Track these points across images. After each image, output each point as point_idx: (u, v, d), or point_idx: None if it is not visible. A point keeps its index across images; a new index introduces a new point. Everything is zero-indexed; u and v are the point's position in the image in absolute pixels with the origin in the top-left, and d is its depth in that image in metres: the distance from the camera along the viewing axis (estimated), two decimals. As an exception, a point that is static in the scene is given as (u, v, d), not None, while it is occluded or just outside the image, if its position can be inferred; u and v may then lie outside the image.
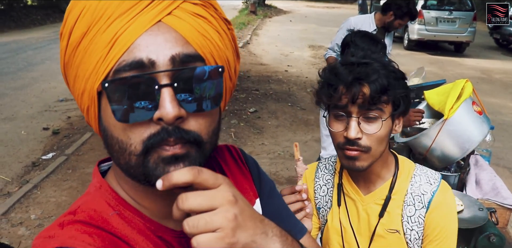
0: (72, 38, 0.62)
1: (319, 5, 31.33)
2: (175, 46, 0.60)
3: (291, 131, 6.05)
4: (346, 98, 1.13)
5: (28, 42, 12.75)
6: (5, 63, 9.89)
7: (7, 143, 5.44)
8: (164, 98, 0.58)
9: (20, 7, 17.95)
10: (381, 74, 1.11)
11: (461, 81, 2.27)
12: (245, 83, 8.35)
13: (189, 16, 0.62)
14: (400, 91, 1.15)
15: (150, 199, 0.69)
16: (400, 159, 1.32)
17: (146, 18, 0.59)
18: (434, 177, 1.29)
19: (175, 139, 0.59)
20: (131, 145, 0.60)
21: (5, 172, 4.64)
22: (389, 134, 1.19)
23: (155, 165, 0.60)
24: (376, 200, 1.28)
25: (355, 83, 1.11)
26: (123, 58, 0.59)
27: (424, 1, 12.87)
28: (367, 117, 1.14)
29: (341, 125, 1.17)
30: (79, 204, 0.68)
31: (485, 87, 8.86)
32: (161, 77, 0.58)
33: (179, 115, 0.59)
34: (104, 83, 0.58)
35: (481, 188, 2.23)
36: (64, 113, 6.58)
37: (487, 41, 15.33)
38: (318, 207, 1.41)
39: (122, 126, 0.60)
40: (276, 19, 21.81)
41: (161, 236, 0.69)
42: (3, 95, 7.38)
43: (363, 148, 1.15)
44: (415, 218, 1.24)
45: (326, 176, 1.41)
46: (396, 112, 1.17)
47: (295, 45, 13.65)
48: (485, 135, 2.17)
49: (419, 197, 1.25)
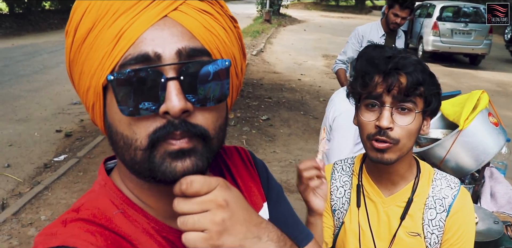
0: (77, 35, 0.62)
1: (333, 15, 31.27)
2: (181, 40, 0.60)
3: (303, 140, 6.01)
4: (381, 88, 1.13)
5: (44, 45, 12.96)
6: (21, 65, 10.07)
7: (20, 144, 5.50)
8: (170, 92, 0.57)
9: (37, 11, 18.30)
10: (417, 68, 1.12)
11: (477, 92, 2.21)
12: (258, 91, 8.34)
13: (195, 12, 0.62)
14: (433, 88, 1.16)
15: (155, 198, 0.68)
16: (420, 162, 1.32)
17: (152, 13, 0.59)
18: (454, 181, 1.29)
19: (182, 132, 0.59)
20: (137, 139, 0.60)
21: (17, 173, 4.69)
22: (418, 132, 1.19)
23: (161, 160, 0.60)
24: (397, 202, 1.27)
25: (392, 72, 1.11)
26: (129, 52, 0.58)
27: (440, 13, 12.77)
28: (401, 109, 1.14)
29: (373, 115, 1.16)
30: (83, 201, 0.67)
31: (501, 100, 8.71)
32: (167, 70, 0.58)
33: (185, 108, 0.58)
34: (110, 76, 0.58)
35: (497, 201, 2.17)
36: (77, 116, 6.65)
37: (503, 54, 15.10)
38: (333, 209, 1.38)
39: (127, 120, 0.60)
40: (290, 28, 21.82)
41: (165, 236, 0.68)
42: (18, 97, 7.49)
43: (392, 140, 1.14)
44: (436, 221, 1.24)
45: (343, 177, 1.39)
46: (428, 109, 1.17)
47: (309, 54, 13.63)
48: (501, 147, 2.12)
49: (440, 201, 1.25)
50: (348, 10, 35.09)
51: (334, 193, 1.39)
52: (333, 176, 1.41)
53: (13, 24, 15.88)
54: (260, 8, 24.13)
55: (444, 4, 13.27)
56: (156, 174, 0.60)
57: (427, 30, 12.93)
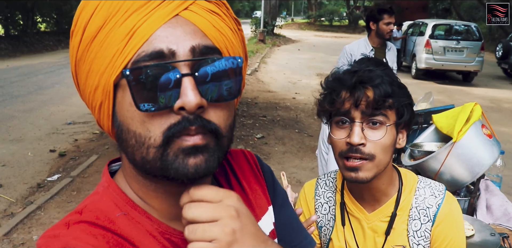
0: (86, 33, 0.62)
1: (327, 34, 31.59)
2: (194, 37, 0.61)
3: (298, 157, 6.00)
4: (349, 103, 1.11)
5: (39, 66, 12.96)
6: (16, 86, 10.04)
7: (14, 164, 5.45)
8: (185, 87, 0.58)
9: (33, 33, 18.36)
10: (384, 80, 1.09)
11: (470, 104, 2.23)
12: (253, 110, 8.35)
13: (204, 12, 0.64)
14: (403, 99, 1.13)
15: (160, 200, 0.68)
16: (402, 173, 1.28)
17: (164, 11, 0.60)
18: (438, 189, 1.24)
19: (197, 127, 0.59)
20: (150, 137, 0.60)
21: (9, 193, 4.63)
22: (394, 145, 1.16)
23: (174, 157, 0.59)
24: (381, 218, 1.24)
25: (358, 86, 1.09)
26: (142, 49, 0.59)
27: (432, 31, 12.95)
28: (371, 123, 1.11)
29: (344, 132, 1.13)
30: (86, 203, 0.67)
31: (495, 116, 8.77)
32: (182, 67, 0.59)
33: (201, 104, 0.58)
34: (125, 71, 0.58)
35: (492, 213, 2.16)
36: (71, 136, 6.61)
37: (495, 71, 15.27)
38: (319, 226, 1.36)
39: (140, 118, 0.60)
40: (284, 47, 21.99)
41: (168, 238, 0.68)
42: (12, 118, 7.45)
43: (366, 155, 1.10)
44: (421, 232, 1.20)
45: (327, 193, 1.36)
46: (401, 121, 1.14)
47: (303, 73, 13.72)
48: (495, 158, 2.12)
49: (424, 211, 1.21)
50: (342, 29, 35.48)
51: (319, 210, 1.36)
52: (316, 192, 1.38)
53: (8, 46, 15.91)
54: (254, 28, 24.36)
55: (436, 22, 13.48)
56: (169, 171, 0.60)
57: (420, 48, 13.09)
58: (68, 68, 12.66)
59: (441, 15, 28.40)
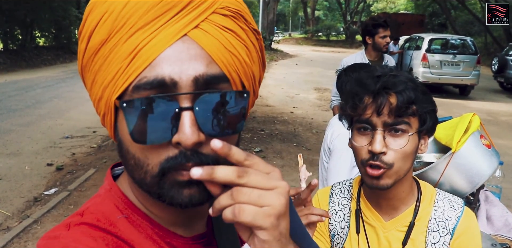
0: (91, 43, 0.60)
1: (324, 49, 31.79)
2: (199, 65, 0.57)
3: (296, 171, 5.98)
4: (371, 109, 1.09)
5: (37, 81, 12.95)
6: (14, 100, 10.03)
7: (10, 178, 5.41)
8: (183, 123, 0.55)
9: (31, 47, 18.41)
10: (408, 86, 1.07)
11: (468, 114, 2.23)
12: (251, 124, 8.35)
13: (216, 30, 0.59)
14: (427, 105, 1.11)
15: (160, 207, 0.67)
16: (421, 183, 1.26)
17: (171, 31, 0.56)
18: (457, 202, 1.23)
19: (193, 164, 0.57)
20: (148, 164, 0.59)
21: (6, 207, 4.60)
22: (415, 152, 1.14)
23: (170, 187, 0.59)
24: (398, 227, 1.21)
25: (381, 92, 1.07)
26: (144, 75, 0.56)
27: (428, 45, 13.05)
28: (393, 131, 1.09)
29: (366, 139, 1.11)
30: (88, 205, 0.67)
31: (492, 129, 8.80)
32: (182, 99, 0.56)
33: (198, 141, 0.56)
34: (122, 103, 0.56)
35: (493, 224, 2.15)
36: (69, 150, 6.59)
37: (492, 85, 15.37)
38: (332, 234, 1.33)
39: (139, 145, 0.59)
40: (282, 62, 22.10)
41: (169, 242, 0.67)
42: (10, 132, 7.42)
43: (386, 165, 1.09)
44: (439, 245, 1.18)
45: (342, 200, 1.34)
46: (423, 128, 1.12)
47: (301, 87, 13.76)
48: (494, 168, 2.12)
49: (443, 223, 1.19)
50: (339, 44, 35.73)
51: (333, 217, 1.33)
52: (331, 199, 1.36)
53: (6, 60, 15.93)
54: (252, 43, 24.44)
55: (432, 36, 13.59)
56: (164, 198, 0.60)
57: (416, 62, 13.19)
58: (66, 83, 12.64)
59: (437, 30, 28.68)
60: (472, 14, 23.74)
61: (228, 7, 0.61)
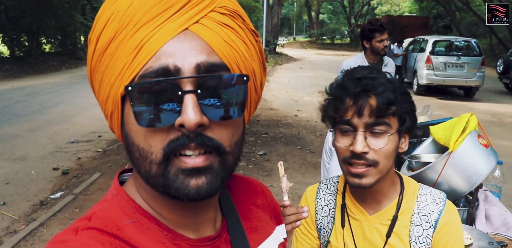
0: (99, 43, 0.63)
1: (329, 52, 31.77)
2: (200, 54, 0.60)
3: (300, 174, 6.00)
4: (352, 111, 1.13)
5: (43, 86, 13.08)
6: (20, 106, 10.13)
7: (17, 182, 5.48)
8: (186, 105, 0.58)
9: (37, 54, 18.57)
10: (387, 88, 1.11)
11: (466, 115, 2.25)
12: (255, 127, 8.38)
13: (216, 25, 0.62)
14: (406, 106, 1.15)
15: (169, 209, 0.68)
16: (404, 178, 1.30)
17: (173, 25, 0.60)
18: (439, 196, 1.27)
19: (196, 144, 0.59)
20: (152, 152, 0.60)
21: (12, 211, 4.66)
22: (396, 150, 1.18)
23: (175, 176, 0.60)
24: (382, 221, 1.25)
25: (362, 94, 1.11)
26: (150, 65, 0.59)
27: (432, 47, 13.03)
28: (374, 132, 1.13)
29: (348, 140, 1.15)
30: (95, 210, 0.67)
31: (497, 130, 8.76)
32: (185, 83, 0.58)
33: (201, 122, 0.58)
34: (128, 87, 0.59)
35: (492, 223, 2.17)
36: (75, 154, 6.65)
37: (497, 86, 15.28)
38: (319, 228, 1.38)
39: (143, 132, 0.60)
40: (286, 66, 22.12)
41: (179, 244, 0.68)
42: (16, 137, 7.51)
43: (370, 162, 1.13)
44: (423, 238, 1.22)
45: (328, 196, 1.39)
46: (403, 128, 1.16)
47: (305, 91, 13.78)
48: (492, 168, 2.13)
49: (426, 217, 1.23)
50: (343, 47, 35.69)
51: (319, 212, 1.38)
52: (318, 195, 1.41)
53: (13, 67, 16.10)
54: (256, 47, 24.47)
55: (436, 38, 13.56)
56: (170, 190, 0.60)
57: (421, 64, 13.15)
58: (72, 88, 12.66)
59: (442, 32, 28.55)
60: (476, 16, 23.63)
61: (226, 7, 0.64)
